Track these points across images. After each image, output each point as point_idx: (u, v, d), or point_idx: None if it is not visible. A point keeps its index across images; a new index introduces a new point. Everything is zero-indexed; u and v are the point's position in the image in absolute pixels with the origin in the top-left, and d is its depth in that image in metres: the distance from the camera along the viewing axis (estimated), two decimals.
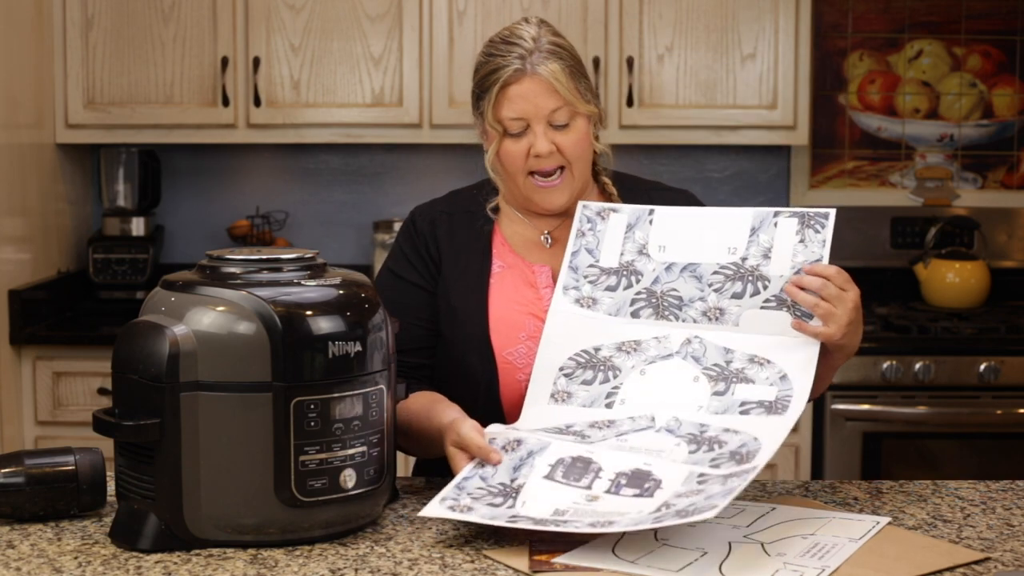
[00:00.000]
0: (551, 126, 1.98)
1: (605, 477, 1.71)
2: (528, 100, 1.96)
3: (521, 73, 1.96)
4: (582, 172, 2.04)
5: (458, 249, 2.08)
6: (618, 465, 1.73)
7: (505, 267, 2.07)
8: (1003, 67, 4.18)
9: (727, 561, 1.61)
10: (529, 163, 1.99)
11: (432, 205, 2.15)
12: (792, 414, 1.78)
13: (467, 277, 2.06)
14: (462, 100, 3.83)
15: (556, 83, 1.95)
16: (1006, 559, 1.64)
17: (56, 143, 3.88)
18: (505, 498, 1.71)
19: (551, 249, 2.08)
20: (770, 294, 1.86)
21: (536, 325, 2.00)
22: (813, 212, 1.90)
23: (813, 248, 1.87)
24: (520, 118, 1.97)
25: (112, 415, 1.67)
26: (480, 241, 2.09)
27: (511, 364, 2.01)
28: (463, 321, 2.03)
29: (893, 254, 4.12)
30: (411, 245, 2.11)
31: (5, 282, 3.58)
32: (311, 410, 1.63)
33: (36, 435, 3.63)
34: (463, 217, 2.11)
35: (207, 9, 3.82)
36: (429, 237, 2.09)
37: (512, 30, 2.01)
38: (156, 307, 1.69)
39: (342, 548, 1.67)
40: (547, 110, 1.96)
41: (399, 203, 4.19)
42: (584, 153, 2.02)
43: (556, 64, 1.96)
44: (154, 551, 1.64)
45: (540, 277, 2.06)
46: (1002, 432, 3.58)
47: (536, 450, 1.77)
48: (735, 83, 3.84)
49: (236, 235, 4.08)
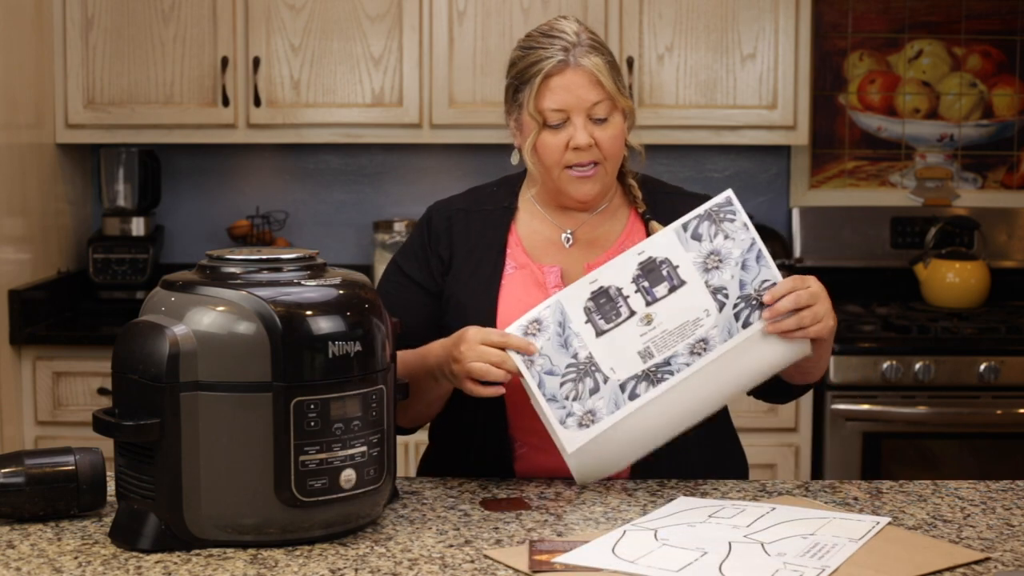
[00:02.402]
0: (590, 120, 1.99)
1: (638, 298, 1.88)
2: (571, 92, 1.97)
3: (564, 64, 1.98)
4: (615, 168, 2.06)
5: (472, 247, 2.09)
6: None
7: (517, 268, 2.07)
8: (1003, 67, 4.18)
9: (727, 561, 1.61)
10: (567, 156, 2.00)
11: (450, 202, 2.16)
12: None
13: (479, 276, 2.07)
14: (462, 100, 3.83)
15: (600, 75, 1.97)
16: (1006, 559, 1.64)
17: (56, 143, 3.88)
18: (590, 376, 1.86)
19: (569, 249, 2.08)
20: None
21: None
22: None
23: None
24: (561, 109, 1.98)
25: (112, 415, 1.67)
26: (495, 241, 2.09)
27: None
28: (471, 319, 2.01)
29: (893, 254, 4.12)
30: (422, 243, 2.12)
31: (5, 282, 3.58)
32: (311, 410, 1.63)
33: (36, 435, 3.63)
34: (480, 215, 2.12)
35: (207, 9, 3.82)
36: (443, 235, 2.11)
37: (552, 25, 2.03)
38: (156, 307, 1.69)
39: (342, 548, 1.67)
40: (588, 102, 1.98)
41: (399, 203, 4.19)
42: (619, 151, 2.03)
43: (599, 58, 1.98)
44: (154, 551, 1.64)
45: (549, 277, 2.06)
46: (1002, 432, 3.58)
47: (560, 317, 1.88)
48: (735, 83, 3.84)
49: (236, 235, 4.08)
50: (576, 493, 1.93)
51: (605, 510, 1.85)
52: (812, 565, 1.59)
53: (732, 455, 2.18)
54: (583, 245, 2.08)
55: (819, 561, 1.60)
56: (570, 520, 1.80)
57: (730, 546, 1.66)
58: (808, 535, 1.70)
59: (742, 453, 2.21)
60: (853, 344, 3.58)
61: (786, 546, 1.66)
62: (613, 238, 2.09)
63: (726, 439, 2.17)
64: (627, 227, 2.10)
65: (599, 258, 2.06)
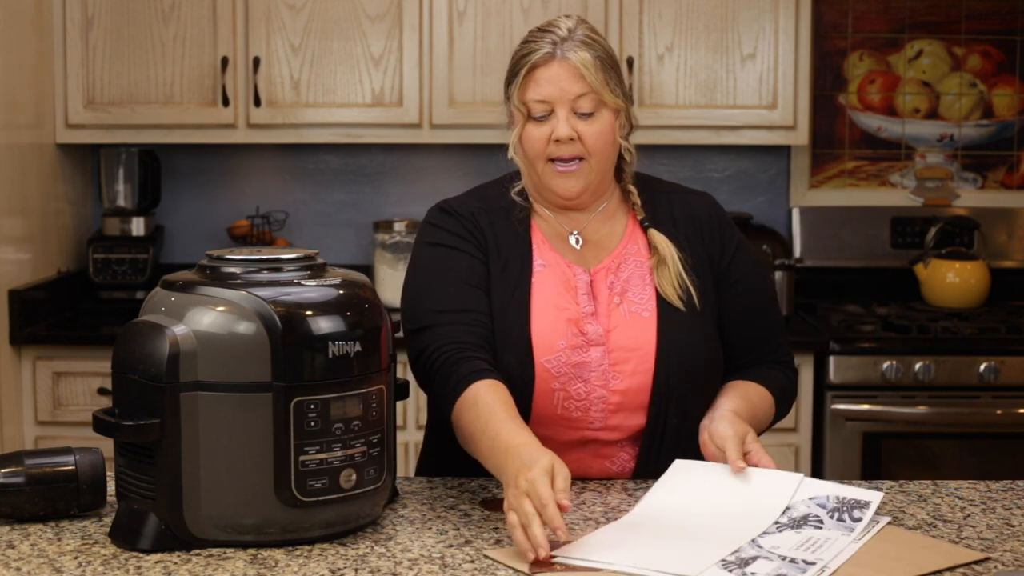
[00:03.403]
0: (575, 113, 1.98)
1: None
2: (554, 84, 1.97)
3: (551, 57, 1.97)
4: (601, 167, 2.02)
5: (499, 244, 2.04)
6: None
7: (546, 265, 2.04)
8: (1003, 67, 4.17)
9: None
10: (549, 149, 1.99)
11: (462, 202, 2.10)
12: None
13: (508, 274, 2.02)
14: (462, 100, 3.83)
15: (584, 69, 1.96)
16: (1006, 559, 1.64)
17: (56, 143, 3.88)
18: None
19: (581, 251, 2.07)
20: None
21: (574, 333, 1.99)
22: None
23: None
24: (545, 101, 1.98)
25: (112, 415, 1.67)
26: (520, 237, 2.06)
27: (548, 372, 1.98)
28: (504, 320, 1.98)
29: (893, 254, 4.12)
30: (456, 222, 2.04)
31: (5, 282, 3.58)
32: (311, 410, 1.63)
33: (36, 435, 3.63)
34: (498, 213, 2.07)
35: (207, 9, 3.82)
36: (473, 222, 2.05)
37: (551, 22, 2.03)
38: (156, 307, 1.69)
39: (342, 548, 1.67)
40: (572, 95, 1.97)
41: (399, 203, 4.19)
42: (605, 148, 2.01)
43: (587, 53, 1.97)
44: (154, 551, 1.64)
45: (580, 282, 2.04)
46: (1002, 432, 3.58)
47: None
48: (735, 83, 3.84)
49: (236, 235, 4.08)
50: (576, 493, 1.93)
51: (605, 510, 1.86)
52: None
53: None
54: (590, 246, 2.07)
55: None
56: (570, 520, 1.80)
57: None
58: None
59: None
60: (853, 344, 3.58)
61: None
62: (616, 240, 2.09)
63: None
64: (628, 229, 2.10)
65: (603, 262, 2.06)
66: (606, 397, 1.99)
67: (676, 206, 2.11)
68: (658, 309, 2.02)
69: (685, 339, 2.00)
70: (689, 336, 2.01)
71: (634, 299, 2.03)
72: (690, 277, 2.03)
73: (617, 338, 2.00)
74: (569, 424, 2.00)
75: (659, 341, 2.00)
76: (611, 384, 1.99)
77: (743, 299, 2.09)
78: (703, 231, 2.10)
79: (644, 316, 2.02)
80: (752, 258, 2.14)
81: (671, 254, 2.03)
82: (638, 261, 2.06)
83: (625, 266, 2.05)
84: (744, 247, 2.13)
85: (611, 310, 2.02)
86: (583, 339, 1.99)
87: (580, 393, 1.99)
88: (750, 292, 2.11)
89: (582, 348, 1.99)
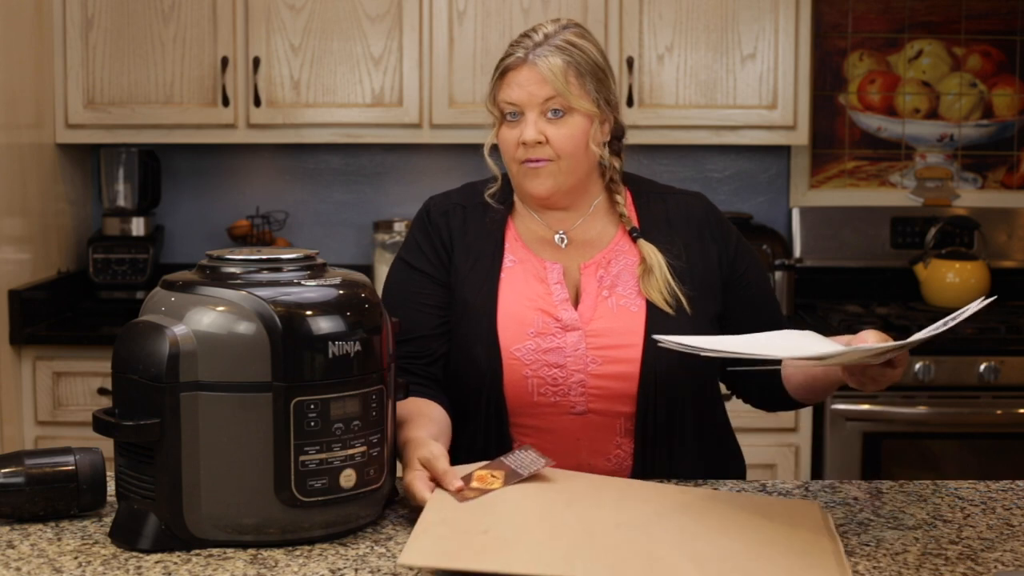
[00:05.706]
0: (544, 117, 2.01)
1: None
2: (523, 87, 2.00)
3: (522, 61, 2.01)
4: (572, 169, 2.03)
5: (470, 241, 2.10)
6: None
7: (517, 262, 2.08)
8: (1003, 67, 4.17)
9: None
10: (519, 151, 2.02)
11: (447, 196, 2.17)
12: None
13: (478, 270, 2.07)
14: (462, 100, 3.83)
15: (550, 75, 1.98)
16: (1006, 559, 1.64)
17: (56, 143, 3.88)
18: None
19: (566, 250, 2.09)
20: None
21: (545, 321, 2.01)
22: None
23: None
24: (514, 103, 2.01)
25: (112, 415, 1.67)
26: (493, 234, 2.10)
27: (518, 360, 2.01)
28: (472, 314, 2.04)
29: (893, 254, 4.12)
30: (424, 235, 2.13)
31: (5, 282, 3.58)
32: (311, 410, 1.63)
33: (36, 435, 3.63)
34: (477, 209, 2.13)
35: (207, 9, 3.82)
36: (442, 227, 2.12)
37: (536, 26, 2.06)
38: (156, 307, 1.69)
39: (342, 548, 1.67)
40: (540, 98, 2.00)
41: (399, 203, 4.20)
42: (575, 150, 2.02)
43: (557, 58, 1.99)
44: (154, 551, 1.64)
45: (551, 273, 2.06)
46: (1002, 432, 3.58)
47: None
48: (735, 83, 3.84)
49: (236, 235, 4.08)
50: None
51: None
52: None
53: (730, 455, 2.19)
54: (577, 246, 2.09)
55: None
56: None
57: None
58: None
59: (740, 453, 2.22)
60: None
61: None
62: (607, 239, 2.09)
63: (724, 439, 2.18)
64: (620, 228, 2.11)
65: (594, 258, 2.07)
66: (585, 381, 2.00)
67: (671, 208, 2.12)
68: (647, 304, 2.03)
69: (674, 331, 2.01)
70: (680, 330, 2.01)
71: (623, 294, 2.05)
72: (679, 285, 2.04)
73: (600, 325, 2.02)
74: (550, 409, 2.02)
75: (647, 333, 2.01)
76: (590, 368, 2.00)
77: (752, 289, 2.13)
78: (703, 230, 2.11)
79: (632, 311, 2.03)
80: (752, 251, 2.18)
81: (659, 263, 2.05)
82: (629, 259, 2.07)
83: (616, 262, 2.07)
84: (743, 241, 2.17)
85: (598, 302, 2.04)
86: (557, 325, 2.01)
87: (556, 378, 2.01)
88: (757, 283, 2.15)
89: (556, 334, 2.01)
